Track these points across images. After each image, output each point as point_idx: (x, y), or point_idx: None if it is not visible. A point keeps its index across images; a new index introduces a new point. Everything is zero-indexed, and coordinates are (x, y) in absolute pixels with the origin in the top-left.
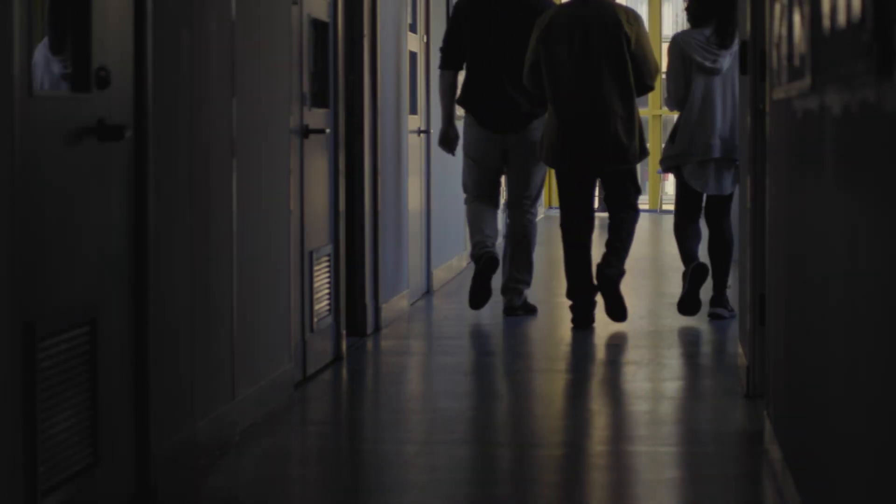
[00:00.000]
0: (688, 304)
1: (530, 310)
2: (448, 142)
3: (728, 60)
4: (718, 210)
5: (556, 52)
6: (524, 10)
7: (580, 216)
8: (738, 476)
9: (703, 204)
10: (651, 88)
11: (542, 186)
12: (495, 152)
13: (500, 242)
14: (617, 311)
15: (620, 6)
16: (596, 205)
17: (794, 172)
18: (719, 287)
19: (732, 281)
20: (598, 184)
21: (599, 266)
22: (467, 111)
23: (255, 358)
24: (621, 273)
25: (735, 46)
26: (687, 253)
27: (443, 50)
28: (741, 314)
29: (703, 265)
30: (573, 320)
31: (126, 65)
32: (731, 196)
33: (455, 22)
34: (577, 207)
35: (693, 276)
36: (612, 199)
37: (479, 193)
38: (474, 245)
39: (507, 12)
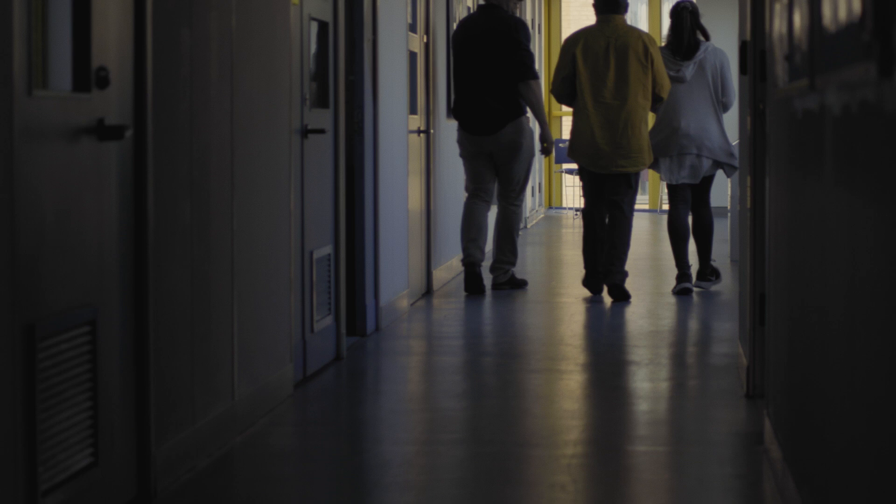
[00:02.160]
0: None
1: (517, 284)
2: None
3: (692, 70)
4: (697, 198)
5: (597, 67)
6: (498, 36)
7: (601, 206)
8: (738, 476)
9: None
10: (663, 100)
11: (525, 181)
12: (480, 152)
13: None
14: (622, 299)
15: (639, 29)
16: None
17: (794, 172)
18: (704, 263)
19: (730, 280)
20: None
21: (606, 274)
22: (456, 119)
23: (255, 358)
24: (625, 275)
25: (698, 57)
26: (678, 259)
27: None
28: (741, 314)
29: (689, 288)
30: (584, 282)
31: (126, 65)
32: (707, 186)
33: (453, 50)
34: (600, 198)
35: (680, 293)
36: (615, 193)
37: (475, 188)
38: (462, 250)
39: (484, 38)
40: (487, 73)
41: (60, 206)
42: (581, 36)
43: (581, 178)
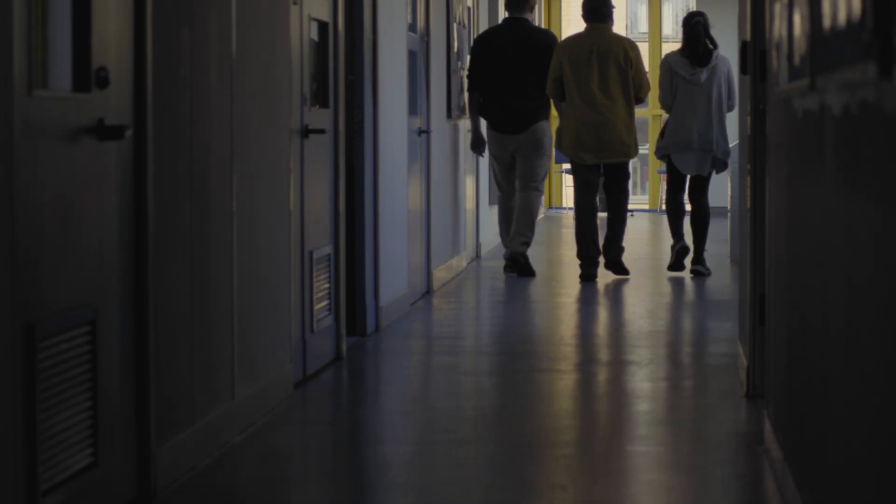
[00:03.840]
0: (674, 268)
1: (530, 271)
2: (477, 146)
3: (706, 74)
4: (698, 189)
5: (580, 71)
6: (528, 45)
7: (591, 196)
8: (738, 476)
9: (687, 184)
10: (642, 101)
11: (544, 173)
12: (507, 149)
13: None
14: (620, 272)
15: (622, 37)
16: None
17: (794, 172)
18: (699, 250)
19: (729, 280)
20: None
21: (605, 249)
22: (486, 119)
23: (255, 358)
24: (622, 250)
25: (711, 63)
26: (674, 230)
27: (469, 76)
28: (741, 314)
29: (686, 246)
30: (581, 276)
31: (126, 65)
32: (708, 178)
33: (476, 54)
34: (589, 189)
35: (678, 253)
36: (611, 182)
37: (508, 187)
38: (505, 245)
39: (515, 46)
40: (518, 78)
41: (60, 206)
42: (569, 43)
43: (573, 173)
